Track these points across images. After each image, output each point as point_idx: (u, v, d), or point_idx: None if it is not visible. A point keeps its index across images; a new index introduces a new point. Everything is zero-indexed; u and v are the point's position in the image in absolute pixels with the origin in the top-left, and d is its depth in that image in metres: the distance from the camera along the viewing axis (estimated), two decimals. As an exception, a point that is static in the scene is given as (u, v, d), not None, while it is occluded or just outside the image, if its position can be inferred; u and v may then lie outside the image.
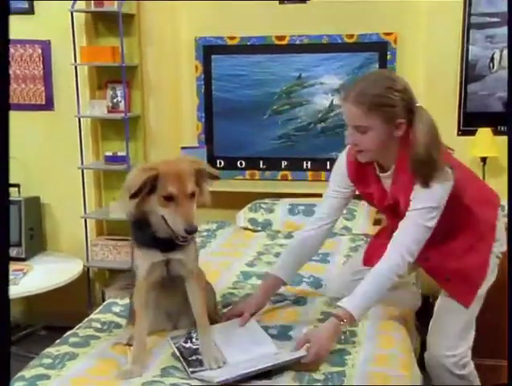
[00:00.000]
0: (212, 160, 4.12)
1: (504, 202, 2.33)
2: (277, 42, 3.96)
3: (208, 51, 4.06)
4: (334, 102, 3.93)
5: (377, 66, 3.82)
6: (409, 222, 2.14)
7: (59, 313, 3.78)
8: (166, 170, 1.94)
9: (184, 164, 2.00)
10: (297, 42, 3.93)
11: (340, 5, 3.83)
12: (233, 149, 4.13)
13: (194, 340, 2.12)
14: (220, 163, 4.16)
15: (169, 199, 1.92)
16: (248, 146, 4.09)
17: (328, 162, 3.99)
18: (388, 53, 3.79)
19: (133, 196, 1.92)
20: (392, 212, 2.32)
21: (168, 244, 2.03)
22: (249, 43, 3.99)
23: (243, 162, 4.13)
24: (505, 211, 2.60)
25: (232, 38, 4.01)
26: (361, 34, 3.82)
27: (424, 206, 2.12)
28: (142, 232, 2.04)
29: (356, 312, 2.07)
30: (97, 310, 2.55)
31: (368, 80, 2.18)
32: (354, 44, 3.85)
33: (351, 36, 3.85)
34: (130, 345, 2.14)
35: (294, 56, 3.96)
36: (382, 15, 3.79)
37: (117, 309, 2.52)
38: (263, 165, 4.09)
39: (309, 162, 4.03)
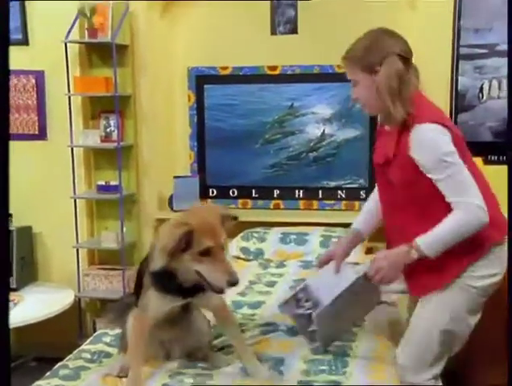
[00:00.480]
0: (204, 189, 4.13)
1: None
2: (269, 72, 4.01)
3: (201, 80, 4.10)
4: (326, 131, 3.96)
5: None
6: (444, 183, 2.10)
7: (50, 344, 3.75)
8: (199, 224, 1.93)
9: (213, 214, 2.00)
10: (289, 72, 3.98)
11: (330, 35, 3.88)
12: (226, 178, 4.15)
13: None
14: (212, 192, 4.18)
15: (205, 253, 1.91)
16: (240, 175, 4.11)
17: (320, 191, 4.01)
18: None
19: (170, 254, 1.90)
20: (379, 175, 2.31)
21: (191, 290, 2.03)
22: (241, 73, 4.03)
23: (235, 191, 4.15)
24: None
25: (224, 68, 4.05)
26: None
27: (434, 163, 2.08)
28: (164, 280, 2.01)
29: (425, 246, 2.07)
30: (88, 341, 2.54)
31: (358, 38, 2.33)
32: (345, 74, 3.87)
33: (342, 66, 3.88)
34: (121, 376, 2.13)
35: (286, 86, 4.00)
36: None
37: (107, 339, 2.51)
38: (256, 194, 4.10)
39: (301, 191, 4.05)
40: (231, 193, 4.16)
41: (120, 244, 3.86)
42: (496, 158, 3.68)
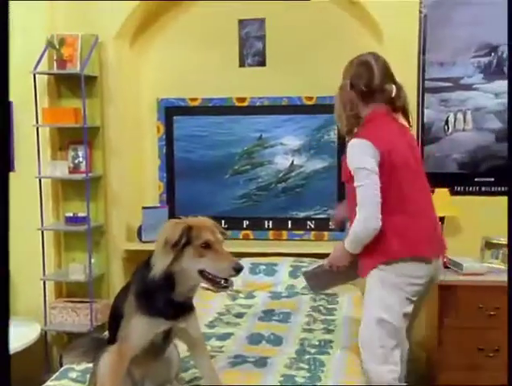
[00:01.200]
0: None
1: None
2: (238, 103, 4.04)
3: (171, 112, 4.11)
4: (294, 162, 3.99)
5: (335, 127, 3.89)
6: (356, 191, 2.50)
7: (15, 379, 3.66)
8: (196, 223, 2.07)
9: (207, 220, 2.18)
10: (257, 103, 4.02)
11: (299, 68, 3.93)
12: (195, 208, 4.12)
13: None
14: None
15: (207, 246, 2.00)
16: (210, 206, 4.11)
17: (289, 221, 4.02)
18: None
19: (174, 245, 1.98)
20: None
21: (178, 309, 2.07)
22: (210, 105, 4.06)
23: None
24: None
25: (194, 99, 4.07)
26: (320, 97, 3.91)
27: (352, 169, 2.51)
28: (153, 296, 2.04)
29: (346, 244, 2.58)
30: (53, 377, 2.48)
31: None
32: (313, 106, 3.94)
33: (310, 98, 3.94)
34: None
35: (254, 118, 4.04)
36: (340, 78, 3.88)
37: (73, 374, 2.46)
38: (225, 224, 4.10)
39: (270, 222, 4.06)
40: None
41: (88, 276, 3.82)
42: (462, 188, 3.73)
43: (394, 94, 2.64)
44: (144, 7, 3.93)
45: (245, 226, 4.11)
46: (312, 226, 4.02)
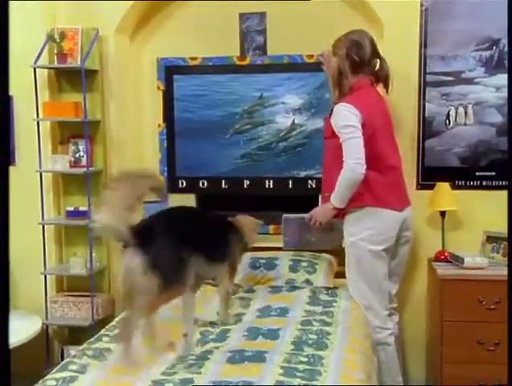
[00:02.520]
0: (174, 181, 4.11)
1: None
2: (238, 62, 4.00)
3: (170, 71, 4.07)
4: (295, 121, 3.96)
5: None
6: (343, 144, 3.02)
7: (16, 373, 3.67)
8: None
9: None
10: (258, 62, 3.97)
11: (299, 25, 3.90)
12: (196, 169, 4.11)
13: None
14: (182, 183, 4.13)
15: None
16: (210, 166, 4.08)
17: (291, 181, 4.00)
18: None
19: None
20: (325, 139, 3.35)
21: None
22: (210, 64, 4.02)
23: (205, 182, 4.11)
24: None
25: (194, 58, 4.03)
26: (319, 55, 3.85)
27: (339, 129, 3.04)
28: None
29: (333, 200, 3.10)
30: (54, 370, 2.49)
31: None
32: (315, 64, 3.87)
33: (311, 56, 3.90)
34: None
35: (255, 76, 3.99)
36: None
37: (74, 367, 2.46)
38: (225, 184, 4.07)
39: (271, 181, 4.03)
40: (200, 184, 4.12)
41: (89, 270, 3.82)
42: (463, 182, 3.73)
43: (377, 67, 3.19)
44: (144, 1, 3.92)
45: (245, 186, 4.07)
46: (313, 185, 3.98)
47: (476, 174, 3.71)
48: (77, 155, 3.93)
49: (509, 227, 2.36)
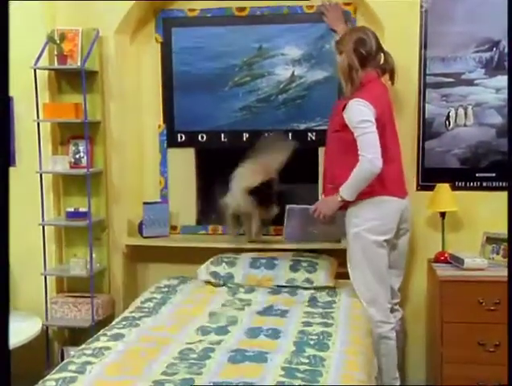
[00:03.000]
0: (173, 135, 4.09)
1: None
2: (237, 13, 3.95)
3: (169, 23, 4.02)
4: (295, 73, 3.92)
5: (337, 36, 3.72)
6: (358, 138, 3.09)
7: (16, 374, 3.67)
8: None
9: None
10: (257, 13, 3.92)
11: None
12: (195, 122, 4.06)
13: None
14: (181, 137, 4.11)
15: None
16: (209, 119, 4.03)
17: (290, 134, 3.95)
18: (348, 23, 3.78)
19: None
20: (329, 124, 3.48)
21: None
22: (209, 15, 3.97)
23: (204, 136, 4.07)
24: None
25: (192, 10, 3.98)
26: (321, 5, 3.83)
27: (355, 124, 3.10)
28: None
29: (343, 193, 3.15)
30: (54, 371, 2.49)
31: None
32: (315, 15, 3.85)
33: (311, 7, 3.88)
34: None
35: (254, 28, 3.94)
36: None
37: (73, 367, 2.46)
38: (225, 138, 4.02)
39: (271, 134, 3.95)
40: (199, 138, 4.07)
41: (89, 271, 3.82)
42: (463, 184, 3.73)
43: (382, 61, 3.32)
44: (144, 2, 3.92)
45: (244, 139, 4.01)
46: (313, 138, 3.94)
47: (476, 175, 3.72)
48: (77, 156, 3.93)
49: (509, 228, 2.35)
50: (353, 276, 3.34)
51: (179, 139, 4.10)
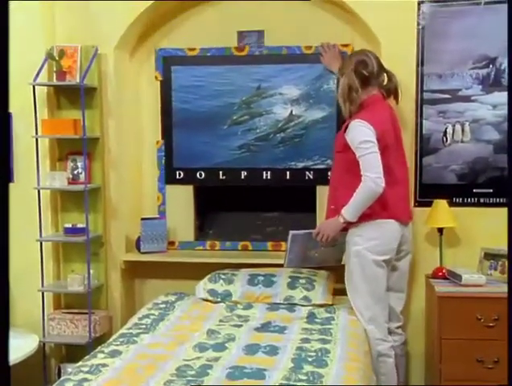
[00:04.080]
0: (171, 171, 4.10)
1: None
2: (236, 53, 3.99)
3: (168, 62, 4.07)
4: (293, 112, 3.95)
5: (335, 76, 3.83)
6: (361, 159, 3.10)
7: (13, 390, 3.65)
8: None
9: None
10: (256, 53, 3.97)
11: (297, 17, 3.91)
12: (193, 160, 4.09)
13: None
14: (179, 174, 4.12)
15: None
16: (208, 156, 4.07)
17: (288, 172, 3.99)
18: None
19: None
20: (335, 153, 3.46)
21: None
22: (209, 54, 4.01)
23: (202, 173, 4.09)
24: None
25: (192, 49, 4.03)
26: (319, 46, 3.88)
27: (356, 144, 3.11)
28: None
29: (345, 214, 3.15)
30: (51, 388, 2.48)
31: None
32: (313, 55, 3.90)
33: (309, 48, 3.92)
34: None
35: (253, 67, 3.99)
36: (340, 27, 3.90)
37: (70, 384, 2.45)
38: (223, 175, 4.05)
39: (269, 172, 4.01)
40: (198, 175, 4.09)
41: (86, 287, 3.81)
42: (461, 200, 3.74)
43: (386, 81, 3.34)
44: (144, 19, 3.95)
45: (243, 177, 4.04)
46: (311, 177, 3.97)
47: (474, 191, 3.72)
48: (76, 172, 3.94)
49: (509, 243, 2.36)
50: (351, 294, 3.34)
51: (177, 176, 4.13)
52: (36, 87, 3.77)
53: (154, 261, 4.05)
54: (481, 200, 3.72)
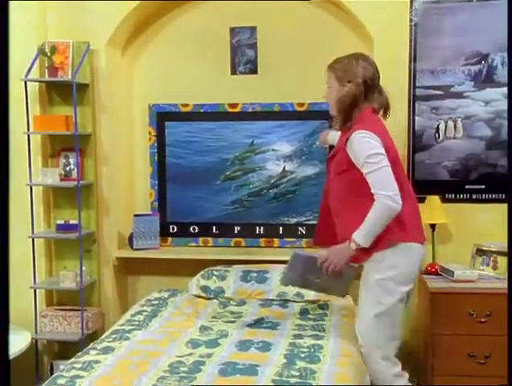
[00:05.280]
0: (165, 225, 4.11)
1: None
2: (230, 109, 4.03)
3: (162, 117, 4.10)
4: (286, 168, 3.99)
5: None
6: (370, 175, 2.66)
7: (5, 387, 3.65)
8: None
9: None
10: (249, 109, 4.02)
11: (290, 75, 3.94)
12: (186, 214, 4.14)
13: None
14: (173, 228, 4.15)
15: None
16: (201, 212, 4.11)
17: (281, 228, 4.01)
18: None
19: None
20: (328, 168, 2.98)
21: None
22: (202, 110, 4.06)
23: (196, 228, 4.13)
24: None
25: (185, 105, 4.07)
26: (311, 103, 3.92)
27: (363, 159, 2.65)
28: None
29: (359, 239, 2.66)
30: (43, 385, 2.47)
31: (342, 56, 2.93)
32: (305, 112, 3.94)
33: (302, 104, 3.95)
34: None
35: (246, 124, 4.03)
36: (332, 23, 3.91)
37: (63, 381, 2.44)
38: (216, 230, 4.09)
39: (262, 228, 4.05)
40: (191, 230, 4.14)
41: (79, 284, 3.80)
42: (453, 196, 3.75)
43: (376, 94, 2.89)
44: (136, 15, 3.94)
45: (236, 232, 4.09)
46: (304, 232, 4.02)
47: (466, 187, 3.73)
48: (68, 168, 3.93)
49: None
50: (364, 327, 2.85)
51: (171, 230, 4.16)
52: (28, 83, 3.75)
53: (147, 258, 4.05)
54: (474, 196, 3.73)
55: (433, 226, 3.67)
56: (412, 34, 3.68)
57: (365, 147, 2.66)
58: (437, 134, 3.74)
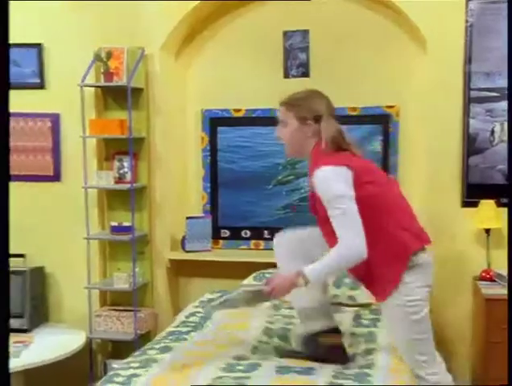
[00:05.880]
0: (216, 230, 4.14)
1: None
2: None
3: (215, 122, 4.14)
4: None
5: (380, 138, 3.88)
6: (334, 220, 2.45)
7: None
8: None
9: None
10: None
11: (342, 78, 3.92)
12: (238, 219, 4.16)
13: None
14: (224, 233, 4.18)
15: None
16: (252, 216, 4.13)
17: None
18: (390, 126, 3.86)
19: None
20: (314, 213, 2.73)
21: None
22: (254, 115, 4.07)
23: (248, 232, 4.15)
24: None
25: (237, 110, 4.10)
26: (363, 107, 3.89)
27: (326, 202, 2.45)
28: None
29: (309, 274, 2.42)
30: (101, 381, 2.52)
31: (297, 92, 2.71)
32: (357, 117, 3.91)
33: (354, 109, 3.92)
34: None
35: None
36: (385, 88, 3.88)
37: (120, 379, 2.49)
38: (268, 235, 4.10)
39: None
40: (243, 234, 4.16)
41: (132, 285, 3.86)
42: (508, 200, 3.66)
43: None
44: (189, 20, 3.98)
45: None
46: None
47: (522, 191, 3.65)
48: (122, 171, 3.99)
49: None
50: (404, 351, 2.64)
51: (222, 234, 4.19)
52: (84, 88, 3.84)
53: (199, 260, 4.08)
54: (530, 200, 3.64)
55: (487, 231, 3.60)
56: (467, 34, 3.62)
57: (327, 188, 2.45)
58: (492, 137, 3.66)
